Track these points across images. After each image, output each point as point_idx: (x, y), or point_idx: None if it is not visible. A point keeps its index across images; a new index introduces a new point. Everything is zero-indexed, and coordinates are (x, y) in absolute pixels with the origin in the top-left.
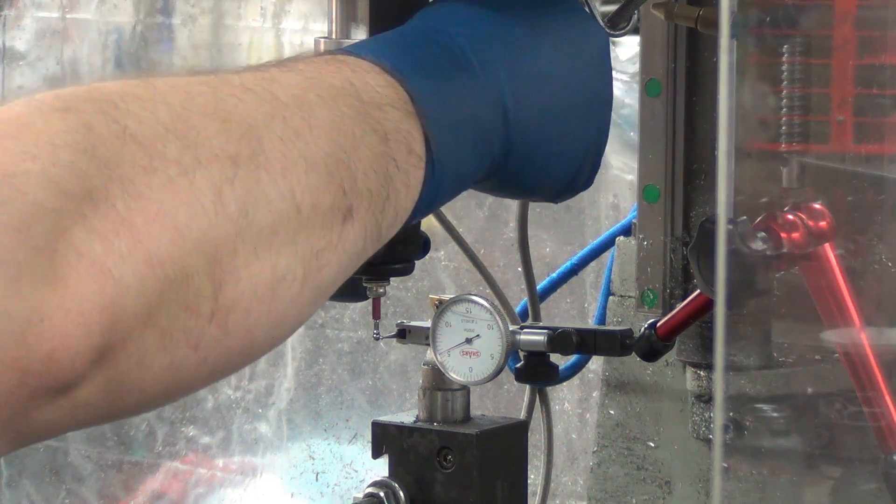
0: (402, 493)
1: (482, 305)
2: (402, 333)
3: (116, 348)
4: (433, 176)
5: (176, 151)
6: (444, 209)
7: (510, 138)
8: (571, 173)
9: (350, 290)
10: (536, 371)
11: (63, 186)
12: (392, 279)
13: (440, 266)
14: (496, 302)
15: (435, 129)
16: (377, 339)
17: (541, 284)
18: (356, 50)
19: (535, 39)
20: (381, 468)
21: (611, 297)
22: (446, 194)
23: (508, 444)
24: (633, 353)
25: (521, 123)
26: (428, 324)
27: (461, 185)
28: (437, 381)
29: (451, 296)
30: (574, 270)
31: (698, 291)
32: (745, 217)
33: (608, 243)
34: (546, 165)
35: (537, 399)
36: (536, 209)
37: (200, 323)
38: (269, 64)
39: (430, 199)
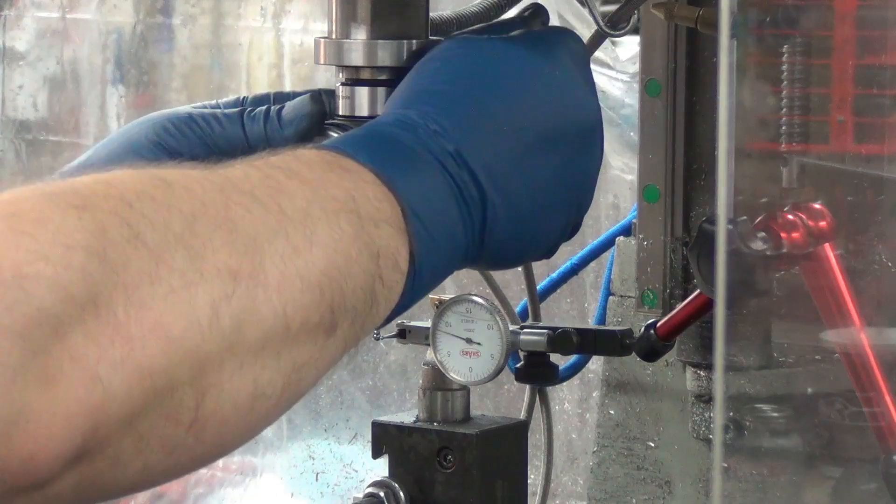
0: (402, 493)
1: (482, 305)
2: (402, 333)
3: (94, 451)
4: (412, 287)
5: (182, 262)
6: None
7: (486, 237)
8: (551, 245)
9: None
10: (536, 371)
11: (71, 291)
12: None
13: None
14: (496, 302)
15: (420, 245)
16: (377, 339)
17: (541, 284)
18: (354, 149)
19: (521, 130)
20: (381, 468)
21: (611, 297)
22: (420, 297)
23: (508, 444)
24: (633, 353)
25: (498, 221)
26: (428, 324)
27: (434, 285)
28: (437, 381)
29: (451, 296)
30: (574, 270)
31: (698, 291)
32: (745, 217)
33: (608, 243)
34: (522, 252)
35: (537, 399)
36: None
37: (179, 431)
38: (275, 165)
39: (406, 305)
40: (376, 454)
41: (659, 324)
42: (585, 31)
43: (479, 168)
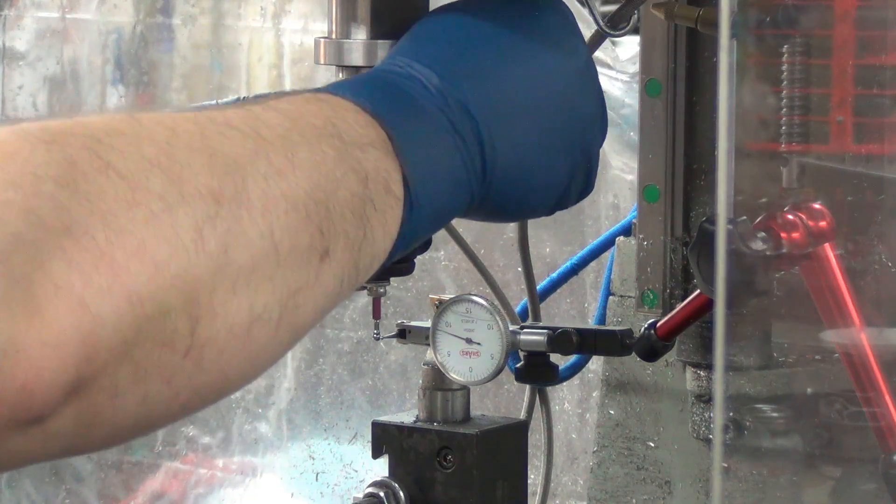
0: (402, 493)
1: (482, 305)
2: (402, 333)
3: (90, 381)
4: (411, 215)
5: (160, 185)
6: None
7: (488, 172)
8: (558, 193)
9: None
10: (536, 371)
11: (43, 218)
12: (392, 279)
13: (440, 266)
14: (496, 302)
15: (413, 169)
16: (377, 339)
17: (541, 284)
18: (335, 89)
19: (511, 68)
20: (381, 468)
21: (611, 297)
22: (425, 231)
23: (508, 444)
24: (633, 353)
25: (498, 157)
26: (428, 324)
27: (440, 221)
28: (437, 381)
29: (451, 296)
30: (574, 270)
31: (698, 291)
32: (745, 217)
33: (608, 243)
34: (528, 192)
35: (537, 399)
36: None
37: (175, 359)
38: (251, 101)
39: (409, 238)
40: (376, 454)
41: (659, 324)
42: (586, 31)
43: (468, 99)
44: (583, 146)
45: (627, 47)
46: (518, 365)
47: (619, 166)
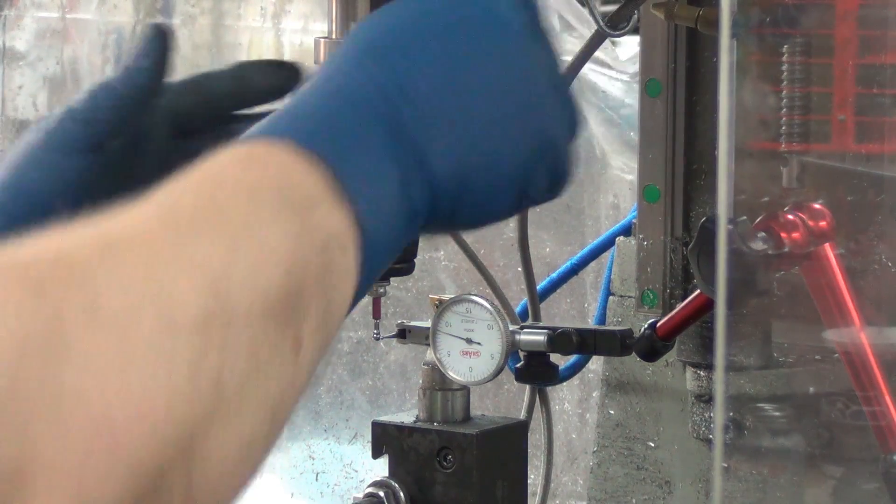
0: (402, 493)
1: (482, 305)
2: (402, 333)
3: None
4: (366, 260)
5: (150, 325)
6: None
7: (433, 188)
8: (517, 188)
9: None
10: (536, 371)
11: (30, 391)
12: (392, 279)
13: (440, 266)
14: (496, 302)
15: (366, 213)
16: (377, 339)
17: (541, 284)
18: (272, 128)
19: (447, 73)
20: (381, 468)
21: (611, 297)
22: (380, 269)
23: (508, 444)
24: (633, 353)
25: (440, 169)
26: (428, 324)
27: (393, 254)
28: (437, 381)
29: (451, 296)
30: (574, 270)
31: (698, 291)
32: (745, 217)
33: (608, 243)
34: (480, 197)
35: (537, 399)
36: (536, 209)
37: None
38: (204, 181)
39: (367, 282)
40: (376, 454)
41: (659, 324)
42: (585, 31)
43: (398, 104)
44: (538, 126)
45: (627, 47)
46: (518, 365)
47: (619, 166)
